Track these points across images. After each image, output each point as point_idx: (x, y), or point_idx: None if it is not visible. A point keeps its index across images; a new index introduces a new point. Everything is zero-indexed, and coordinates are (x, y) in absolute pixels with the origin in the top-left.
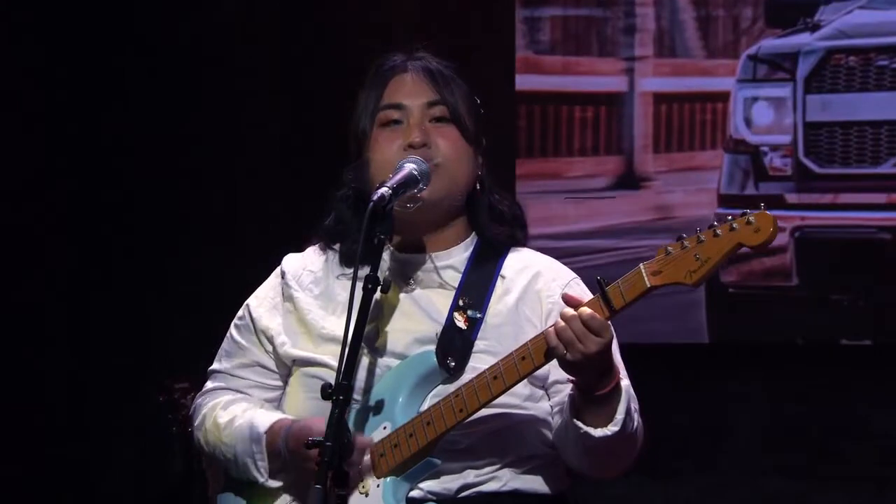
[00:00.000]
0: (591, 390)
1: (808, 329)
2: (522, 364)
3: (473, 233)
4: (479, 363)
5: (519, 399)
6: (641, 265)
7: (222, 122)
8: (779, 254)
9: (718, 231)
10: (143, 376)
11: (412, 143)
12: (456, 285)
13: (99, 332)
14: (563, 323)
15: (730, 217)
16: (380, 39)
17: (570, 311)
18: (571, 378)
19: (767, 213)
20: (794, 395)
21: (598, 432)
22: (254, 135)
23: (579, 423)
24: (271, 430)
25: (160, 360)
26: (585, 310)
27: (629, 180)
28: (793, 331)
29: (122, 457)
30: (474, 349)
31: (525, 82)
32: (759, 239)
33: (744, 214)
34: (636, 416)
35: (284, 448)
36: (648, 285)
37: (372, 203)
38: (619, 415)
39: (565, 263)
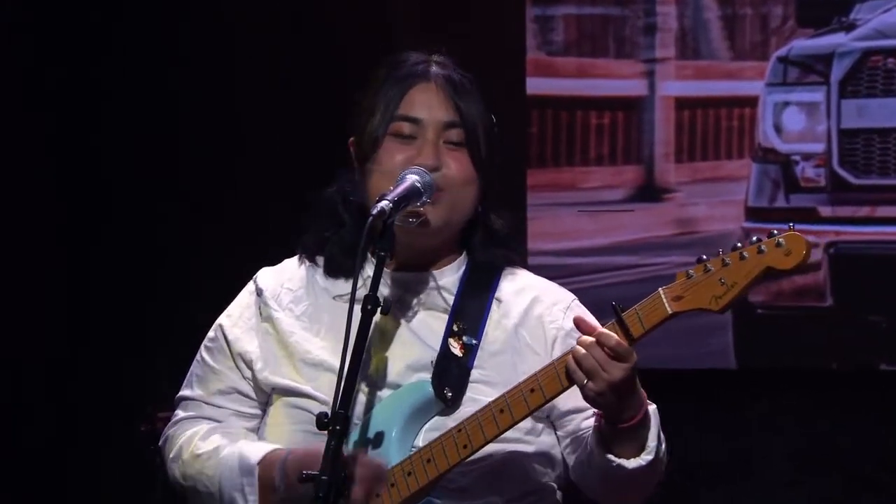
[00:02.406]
0: (618, 422)
1: (843, 353)
2: (532, 397)
3: (465, 253)
4: (476, 394)
5: (521, 433)
6: (661, 290)
7: (222, 121)
8: (812, 272)
9: (745, 253)
10: (142, 378)
11: (423, 165)
12: (450, 307)
13: (94, 341)
14: (582, 350)
15: (756, 238)
16: (380, 39)
17: (588, 337)
18: (598, 411)
19: (798, 234)
20: (828, 424)
21: (631, 464)
22: (254, 135)
23: (611, 457)
24: (265, 462)
25: (157, 362)
26: (609, 335)
27: (649, 192)
28: (827, 355)
29: (111, 475)
30: (471, 379)
31: (536, 86)
32: (790, 263)
33: (772, 236)
34: (663, 438)
35: (282, 482)
36: (670, 312)
37: (371, 217)
38: (652, 442)
39: (579, 282)
